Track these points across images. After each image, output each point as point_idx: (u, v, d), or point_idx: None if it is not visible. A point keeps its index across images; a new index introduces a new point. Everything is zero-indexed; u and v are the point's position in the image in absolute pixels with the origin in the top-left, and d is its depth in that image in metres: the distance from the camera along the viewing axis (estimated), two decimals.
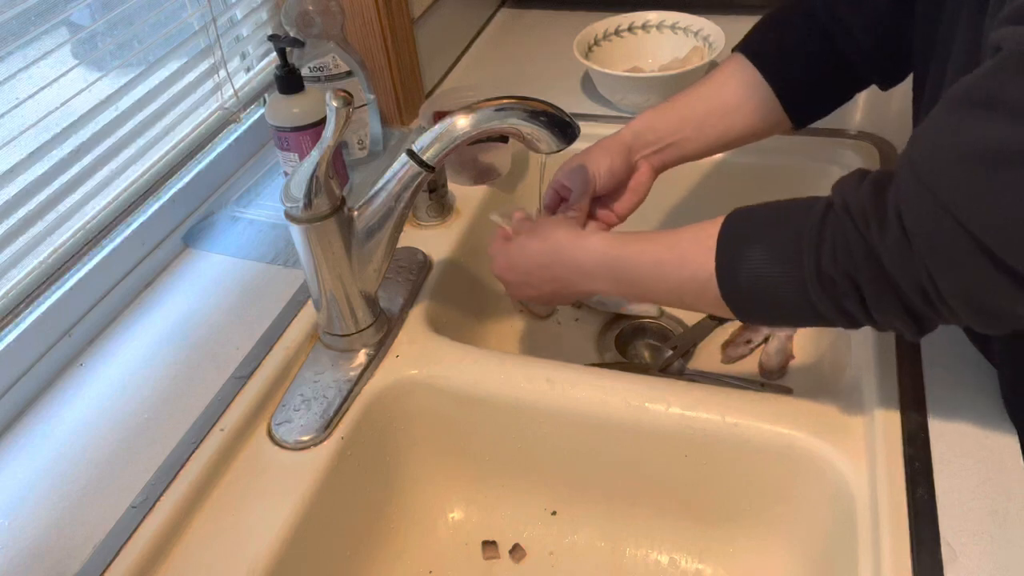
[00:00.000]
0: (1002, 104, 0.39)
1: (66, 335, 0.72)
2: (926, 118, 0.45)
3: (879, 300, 0.48)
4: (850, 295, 0.49)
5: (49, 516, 0.59)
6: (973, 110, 0.41)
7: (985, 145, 0.40)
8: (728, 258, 0.54)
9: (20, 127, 0.67)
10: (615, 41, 1.08)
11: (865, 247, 0.47)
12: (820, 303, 0.50)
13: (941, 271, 0.44)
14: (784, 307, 0.53)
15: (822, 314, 0.51)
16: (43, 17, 0.69)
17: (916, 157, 0.44)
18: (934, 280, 0.44)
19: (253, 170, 0.95)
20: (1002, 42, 0.40)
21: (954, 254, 0.43)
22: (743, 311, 0.56)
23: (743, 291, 0.54)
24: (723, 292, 0.55)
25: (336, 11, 0.87)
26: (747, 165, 0.93)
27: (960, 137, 0.41)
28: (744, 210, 0.56)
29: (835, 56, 0.68)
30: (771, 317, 0.56)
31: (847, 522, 0.57)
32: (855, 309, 0.49)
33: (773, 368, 0.83)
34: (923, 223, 0.44)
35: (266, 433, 0.65)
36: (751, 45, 0.72)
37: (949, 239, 0.42)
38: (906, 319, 0.48)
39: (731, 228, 0.55)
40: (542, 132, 0.63)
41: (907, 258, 0.45)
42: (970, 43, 0.49)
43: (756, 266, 0.52)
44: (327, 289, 0.66)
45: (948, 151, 0.42)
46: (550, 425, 0.68)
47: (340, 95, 0.58)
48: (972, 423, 0.59)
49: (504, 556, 0.72)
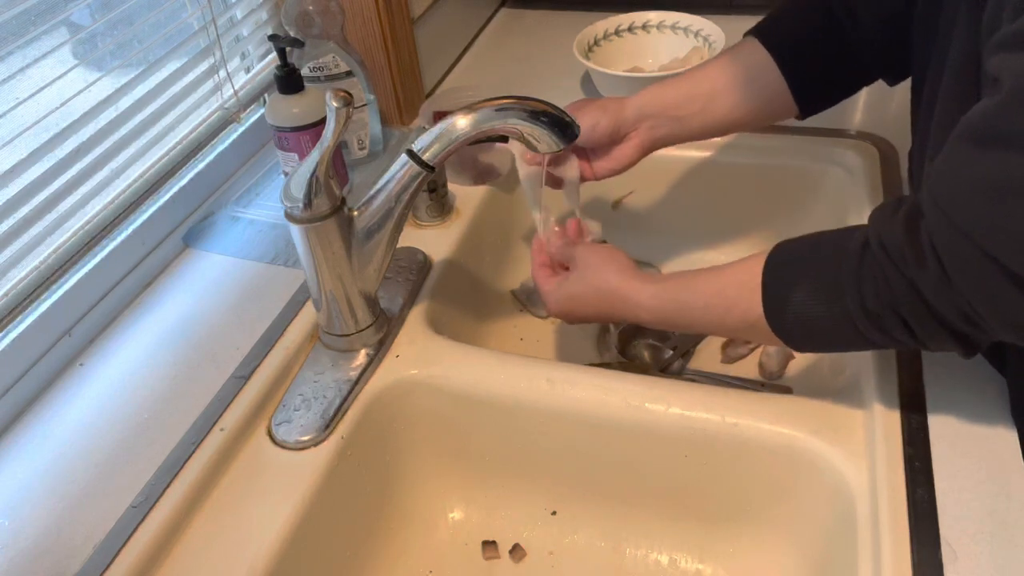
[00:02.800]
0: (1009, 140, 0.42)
1: (66, 335, 0.72)
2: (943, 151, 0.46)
3: (926, 329, 0.50)
4: (897, 327, 0.51)
5: (49, 516, 0.59)
6: (981, 145, 0.43)
7: (998, 177, 0.42)
8: (774, 303, 0.56)
9: (20, 127, 0.67)
10: (615, 41, 1.08)
11: (905, 284, 0.49)
12: (870, 335, 0.52)
13: (979, 299, 0.46)
14: (837, 341, 0.55)
15: (874, 342, 0.53)
16: (43, 17, 0.69)
17: (938, 193, 0.46)
18: (975, 307, 0.46)
19: (253, 170, 0.95)
20: (999, 73, 0.42)
21: (986, 282, 0.45)
22: (797, 346, 0.58)
23: (793, 331, 0.56)
24: (775, 331, 0.57)
25: (336, 11, 0.87)
26: (747, 165, 0.94)
27: (975, 171, 0.44)
28: (784, 248, 0.57)
29: (846, 47, 0.69)
30: (826, 348, 0.58)
31: (847, 522, 0.57)
32: (905, 338, 0.51)
33: (773, 368, 0.83)
34: (955, 256, 0.45)
35: (266, 433, 0.65)
36: (765, 29, 0.72)
37: (980, 269, 0.44)
38: (955, 342, 0.50)
39: (774, 271, 0.57)
40: (542, 132, 0.63)
41: (946, 290, 0.47)
42: (966, 47, 0.49)
43: (802, 309, 0.55)
44: (327, 289, 0.66)
45: (964, 185, 0.44)
46: (550, 425, 0.68)
47: (340, 95, 0.58)
48: (972, 423, 0.59)
49: (504, 556, 0.72)
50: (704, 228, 0.99)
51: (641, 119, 0.74)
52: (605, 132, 0.73)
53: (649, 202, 0.99)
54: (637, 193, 0.99)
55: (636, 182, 0.98)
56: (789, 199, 0.93)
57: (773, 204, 0.94)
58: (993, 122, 0.43)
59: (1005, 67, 0.42)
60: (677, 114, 0.73)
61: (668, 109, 0.73)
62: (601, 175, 0.77)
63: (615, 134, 0.74)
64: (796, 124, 0.76)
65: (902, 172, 0.84)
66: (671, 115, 0.73)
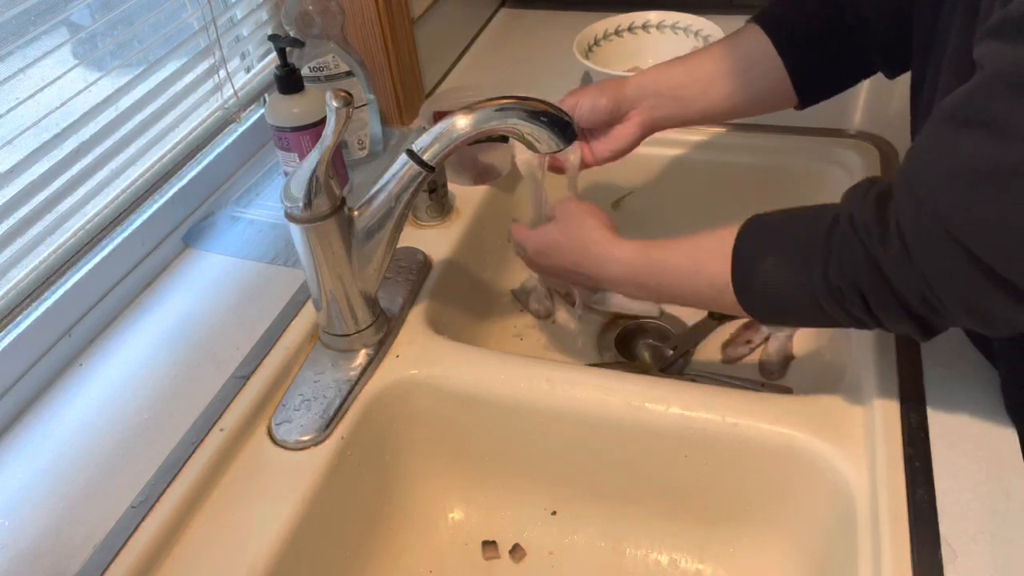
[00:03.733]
0: (985, 123, 0.42)
1: (66, 335, 0.72)
2: (920, 134, 0.47)
3: (884, 308, 0.50)
4: (856, 303, 0.51)
5: (49, 516, 0.59)
6: (959, 128, 0.43)
7: (970, 163, 0.42)
8: (743, 268, 0.57)
9: (20, 127, 0.67)
10: (615, 41, 1.08)
11: (868, 259, 0.49)
12: (830, 310, 0.53)
13: (939, 280, 0.46)
14: (798, 312, 0.56)
15: (833, 318, 0.54)
16: (43, 17, 0.69)
17: (910, 173, 0.47)
18: (933, 289, 0.47)
19: (253, 170, 0.95)
20: (983, 59, 0.42)
21: (949, 265, 0.45)
22: (759, 315, 0.59)
23: (758, 298, 0.57)
24: (739, 299, 0.58)
25: (336, 11, 0.87)
26: (747, 165, 0.93)
27: (948, 154, 0.44)
28: (758, 220, 0.58)
29: (848, 37, 0.69)
30: (786, 320, 0.60)
31: (847, 522, 0.57)
32: (863, 315, 0.52)
33: (773, 368, 0.83)
34: (919, 236, 0.46)
35: (266, 433, 0.65)
36: (767, 16, 0.73)
37: (943, 251, 0.45)
38: (911, 324, 0.50)
39: (745, 239, 0.58)
40: (542, 132, 0.63)
41: (907, 269, 0.47)
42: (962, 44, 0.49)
43: (769, 277, 0.55)
44: (327, 289, 0.66)
45: (938, 168, 0.45)
46: (550, 425, 0.68)
47: (340, 95, 0.58)
48: (972, 423, 0.59)
49: (504, 556, 0.72)
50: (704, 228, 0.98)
51: (641, 98, 0.74)
52: (605, 110, 0.73)
53: (649, 202, 0.99)
54: (637, 193, 0.99)
55: (636, 182, 0.98)
56: (789, 199, 0.92)
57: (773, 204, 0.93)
58: (969, 105, 0.43)
59: (988, 52, 0.42)
60: (677, 95, 0.73)
61: (669, 89, 0.74)
62: (601, 158, 0.76)
63: (615, 112, 0.74)
64: (796, 124, 0.76)
65: None
66: (671, 95, 0.74)
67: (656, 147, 0.93)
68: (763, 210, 0.97)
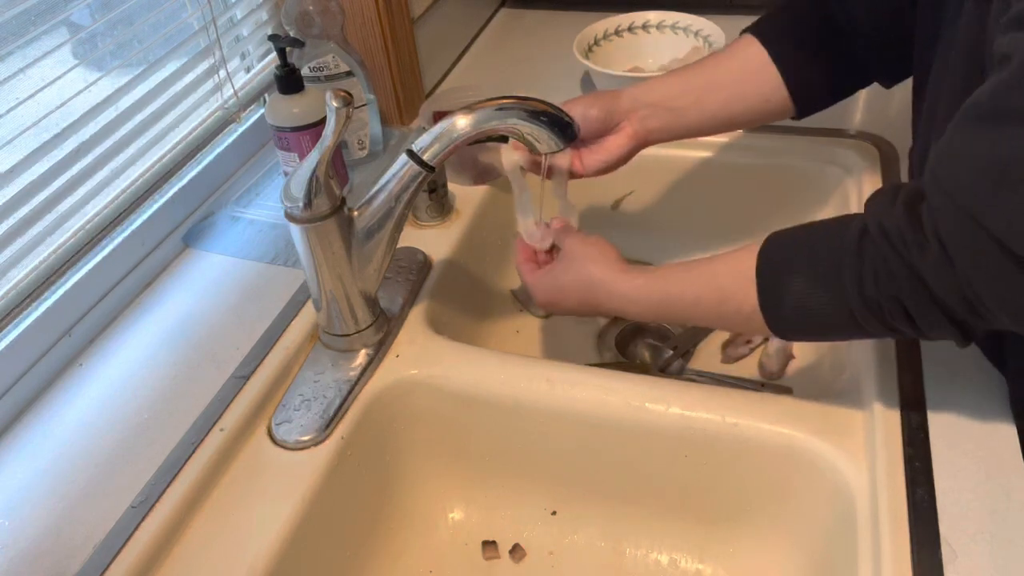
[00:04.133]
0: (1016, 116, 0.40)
1: (66, 335, 0.72)
2: (946, 133, 0.45)
3: (925, 317, 0.49)
4: (897, 315, 0.50)
5: (49, 516, 0.59)
6: (987, 123, 0.42)
7: (1005, 156, 0.41)
8: (770, 293, 0.55)
9: (20, 127, 0.67)
10: (615, 41, 1.08)
11: (907, 270, 0.47)
12: (867, 324, 0.51)
13: (982, 283, 0.45)
14: (832, 330, 0.54)
15: (870, 333, 0.53)
16: (43, 17, 0.69)
17: (941, 174, 0.45)
18: (977, 292, 0.45)
19: (253, 170, 0.95)
20: (1010, 50, 0.41)
21: (990, 264, 0.44)
22: (793, 336, 0.58)
23: (790, 321, 0.55)
24: (770, 324, 0.56)
25: (336, 11, 0.87)
26: (747, 165, 0.94)
27: (980, 150, 0.42)
28: (778, 238, 0.56)
29: (844, 47, 0.69)
30: (821, 337, 0.57)
31: (847, 522, 0.57)
32: (903, 326, 0.50)
33: (773, 368, 0.83)
34: (959, 239, 0.44)
35: (266, 433, 0.65)
36: (763, 27, 0.72)
37: (984, 251, 0.43)
38: (953, 329, 0.49)
39: (769, 261, 0.56)
40: (542, 132, 0.63)
41: (948, 274, 0.46)
42: (972, 43, 0.49)
43: (799, 298, 0.53)
44: (327, 289, 0.66)
45: (969, 165, 0.43)
46: (550, 425, 0.68)
47: (340, 95, 0.58)
48: (972, 423, 0.59)
49: (504, 556, 0.72)
50: (704, 228, 0.99)
51: (634, 109, 0.72)
52: (597, 119, 0.71)
53: (649, 202, 0.99)
54: (637, 193, 0.99)
55: (636, 182, 0.98)
56: (789, 199, 0.93)
57: (773, 204, 0.94)
58: (998, 99, 0.42)
59: (1014, 42, 0.41)
60: (671, 105, 0.72)
61: (662, 100, 0.72)
62: (591, 169, 0.73)
63: (607, 122, 0.72)
64: (796, 124, 0.76)
65: (902, 172, 0.84)
66: (665, 106, 0.72)
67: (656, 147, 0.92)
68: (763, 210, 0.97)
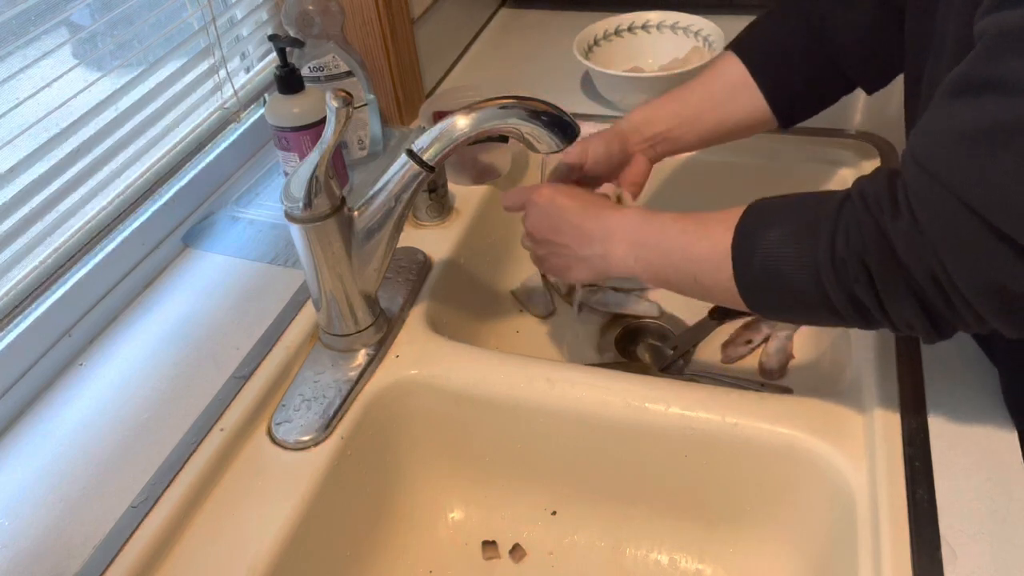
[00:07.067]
0: (992, 85, 0.41)
1: (66, 335, 0.72)
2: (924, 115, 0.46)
3: (890, 286, 0.48)
4: (861, 280, 0.49)
5: (49, 516, 0.59)
6: (963, 95, 0.43)
7: (976, 125, 0.42)
8: (745, 237, 0.55)
9: (20, 127, 0.67)
10: (615, 41, 1.08)
11: (877, 230, 0.48)
12: (831, 289, 0.50)
13: (951, 254, 0.45)
14: (794, 293, 0.53)
15: (833, 304, 0.51)
16: (43, 17, 0.69)
17: (915, 146, 0.46)
18: (945, 266, 0.45)
19: (253, 170, 0.95)
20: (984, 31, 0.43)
21: (961, 234, 0.44)
22: (752, 294, 0.56)
23: (755, 271, 0.54)
24: (736, 270, 0.55)
25: (336, 11, 0.87)
26: (747, 165, 0.94)
27: (953, 121, 0.44)
28: (768, 198, 0.57)
29: (822, 58, 0.70)
30: (780, 304, 0.56)
31: (847, 522, 0.57)
32: (866, 296, 0.49)
33: (773, 368, 0.83)
34: (930, 207, 0.45)
35: (266, 433, 0.65)
36: (742, 44, 0.74)
37: (955, 220, 0.44)
38: (919, 312, 0.48)
39: (753, 211, 0.57)
40: (542, 132, 0.63)
41: (918, 244, 0.46)
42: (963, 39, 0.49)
43: (771, 246, 0.53)
44: (327, 289, 0.66)
45: (944, 135, 0.44)
46: (550, 425, 0.68)
47: (340, 95, 0.58)
48: (972, 423, 0.59)
49: (504, 556, 0.72)
50: None
51: (639, 141, 0.76)
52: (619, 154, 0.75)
53: (649, 202, 0.99)
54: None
55: None
56: None
57: None
58: (969, 73, 0.43)
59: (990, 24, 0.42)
60: (669, 136, 0.76)
61: (661, 133, 0.76)
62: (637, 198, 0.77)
63: (625, 155, 0.76)
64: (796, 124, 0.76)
65: None
66: (664, 137, 0.76)
67: None
68: None
